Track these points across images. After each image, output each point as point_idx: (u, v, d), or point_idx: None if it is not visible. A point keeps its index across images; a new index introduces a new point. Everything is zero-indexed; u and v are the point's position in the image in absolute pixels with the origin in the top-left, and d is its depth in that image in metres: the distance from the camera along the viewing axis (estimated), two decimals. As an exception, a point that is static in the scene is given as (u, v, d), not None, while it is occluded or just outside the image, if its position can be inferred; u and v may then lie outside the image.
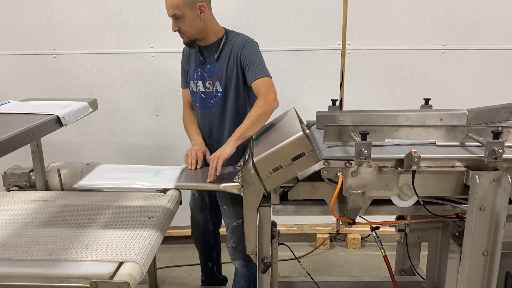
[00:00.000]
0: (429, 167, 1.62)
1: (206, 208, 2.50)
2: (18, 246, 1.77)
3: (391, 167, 1.62)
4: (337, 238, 3.45)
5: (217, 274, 2.71)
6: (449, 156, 1.63)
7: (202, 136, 2.31)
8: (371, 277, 2.83)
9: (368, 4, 2.99)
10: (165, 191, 2.29)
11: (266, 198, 1.78)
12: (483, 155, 1.56)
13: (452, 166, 1.62)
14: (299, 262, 2.21)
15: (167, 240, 3.13)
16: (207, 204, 2.49)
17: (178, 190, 2.35)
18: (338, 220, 1.80)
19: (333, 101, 2.15)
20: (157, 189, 1.87)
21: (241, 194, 1.79)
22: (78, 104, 2.20)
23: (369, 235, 3.35)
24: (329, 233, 3.37)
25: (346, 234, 3.38)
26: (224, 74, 2.20)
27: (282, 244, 1.96)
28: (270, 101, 2.06)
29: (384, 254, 2.05)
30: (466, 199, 1.64)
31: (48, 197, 2.23)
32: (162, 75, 3.10)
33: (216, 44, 2.22)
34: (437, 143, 1.74)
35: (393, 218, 1.99)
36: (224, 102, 2.24)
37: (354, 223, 1.76)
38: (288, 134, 1.72)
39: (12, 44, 3.06)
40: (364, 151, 1.54)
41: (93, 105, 2.32)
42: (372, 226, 1.97)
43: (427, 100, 2.16)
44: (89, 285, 1.51)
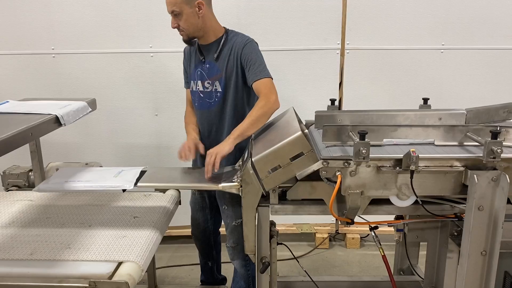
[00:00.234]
0: (428, 167, 1.62)
1: (206, 207, 2.50)
2: (17, 246, 1.77)
3: (390, 167, 1.62)
4: (336, 238, 3.45)
5: (217, 274, 2.71)
6: (448, 156, 1.63)
7: (201, 135, 2.31)
8: (370, 277, 2.84)
9: (367, 4, 2.99)
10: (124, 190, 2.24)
11: (265, 198, 1.78)
12: (482, 155, 1.56)
13: (451, 166, 1.62)
14: (298, 262, 2.21)
15: (166, 240, 3.14)
16: (207, 203, 2.49)
17: (178, 190, 2.35)
18: (337, 220, 1.80)
19: (332, 101, 2.15)
20: (116, 190, 1.91)
21: (240, 194, 1.79)
22: (77, 104, 2.21)
23: (368, 235, 3.35)
24: (328, 233, 3.37)
25: (345, 234, 3.39)
26: (224, 74, 2.19)
27: (281, 244, 1.96)
28: (272, 102, 2.06)
29: (383, 254, 2.06)
30: (465, 199, 1.64)
31: (44, 198, 2.23)
32: (161, 75, 3.09)
33: (216, 44, 2.21)
34: (436, 143, 1.74)
35: (392, 218, 1.99)
36: (223, 102, 2.23)
37: (353, 223, 1.76)
38: (287, 134, 1.72)
39: (11, 44, 3.06)
40: (363, 151, 1.54)
41: (92, 105, 2.33)
42: (371, 226, 1.98)
43: (426, 100, 2.16)
44: (88, 285, 1.51)
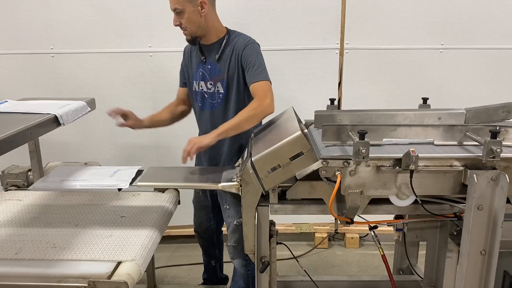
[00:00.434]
0: (427, 166, 1.62)
1: (209, 206, 2.51)
2: (16, 246, 1.76)
3: (389, 166, 1.62)
4: (336, 237, 3.45)
5: (220, 273, 2.72)
6: (447, 156, 1.63)
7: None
8: (369, 276, 2.84)
9: (366, 4, 2.99)
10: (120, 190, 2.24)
11: (265, 198, 1.78)
12: (481, 154, 1.56)
13: (450, 166, 1.62)
14: (298, 262, 2.21)
15: (166, 240, 3.13)
16: (210, 202, 2.50)
17: (177, 190, 2.34)
18: (337, 219, 1.80)
19: (332, 101, 2.15)
20: (112, 189, 1.94)
21: (240, 193, 1.79)
22: (76, 104, 2.21)
23: (367, 234, 3.36)
24: (328, 232, 3.37)
25: (345, 233, 3.39)
26: (226, 75, 2.19)
27: (281, 244, 1.96)
28: (265, 106, 2.04)
29: (382, 253, 2.05)
30: (464, 198, 1.64)
31: (35, 197, 2.23)
32: (160, 74, 3.09)
33: (217, 44, 2.21)
34: (435, 142, 1.74)
35: (391, 217, 1.98)
36: (226, 103, 2.23)
37: (352, 222, 1.76)
38: (287, 134, 1.72)
39: (10, 43, 3.06)
40: (362, 151, 1.54)
41: (91, 105, 2.32)
42: (370, 225, 1.98)
43: (425, 100, 2.16)
44: (87, 285, 1.50)
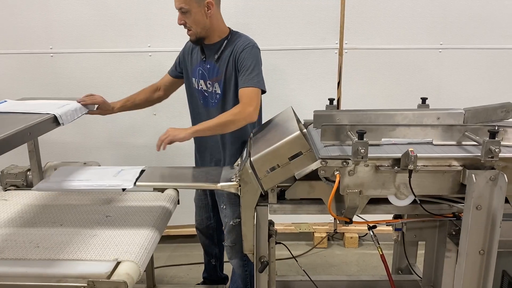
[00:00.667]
0: (426, 166, 1.62)
1: (209, 205, 2.52)
2: (15, 246, 1.76)
3: (388, 166, 1.62)
4: (335, 237, 3.45)
5: (220, 272, 2.72)
6: (446, 155, 1.63)
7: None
8: (369, 276, 2.84)
9: (366, 3, 2.99)
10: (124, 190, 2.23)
11: (264, 197, 1.78)
12: (480, 154, 1.56)
13: (449, 165, 1.62)
14: (297, 261, 2.21)
15: (165, 239, 3.13)
16: (209, 201, 2.51)
17: (176, 190, 2.35)
18: (336, 219, 1.80)
19: (331, 100, 2.15)
20: (116, 189, 1.91)
21: (239, 193, 1.79)
22: (75, 104, 2.21)
23: (366, 234, 3.36)
24: (327, 232, 3.37)
25: (344, 233, 3.39)
26: (223, 77, 2.18)
27: (280, 243, 1.96)
28: (246, 113, 2.02)
29: (381, 253, 2.06)
30: (463, 198, 1.64)
31: (41, 197, 2.23)
32: (160, 74, 3.06)
33: (218, 45, 2.20)
34: (434, 142, 1.75)
35: (390, 217, 1.99)
36: (223, 104, 2.22)
37: (351, 222, 1.76)
38: (286, 133, 1.72)
39: (9, 43, 3.05)
40: (361, 150, 1.54)
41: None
42: (369, 225, 1.98)
43: (424, 99, 2.17)
44: (87, 285, 1.50)
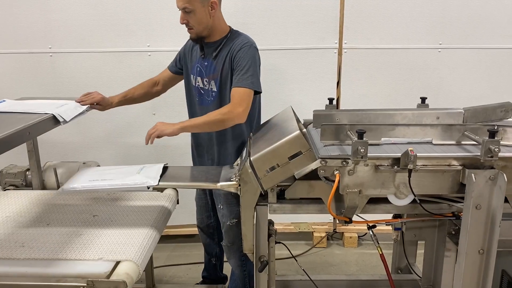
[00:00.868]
0: (426, 166, 1.62)
1: (209, 204, 2.52)
2: (15, 246, 1.76)
3: (388, 166, 1.62)
4: (334, 237, 3.45)
5: (219, 272, 2.73)
6: (446, 155, 1.64)
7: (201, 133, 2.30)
8: (368, 276, 2.84)
9: (365, 3, 2.99)
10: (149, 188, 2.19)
11: (263, 197, 1.78)
12: (479, 154, 1.57)
13: (448, 165, 1.62)
14: (296, 261, 2.21)
15: (164, 239, 3.13)
16: (209, 201, 2.51)
17: (175, 190, 2.34)
18: (335, 219, 1.80)
19: (330, 100, 2.15)
20: (142, 187, 1.84)
21: (238, 193, 1.79)
22: (75, 103, 2.21)
23: (366, 234, 3.36)
24: (326, 232, 3.37)
25: (343, 233, 3.39)
26: (219, 75, 2.18)
27: (279, 243, 1.96)
28: (235, 114, 2.02)
29: (381, 253, 2.06)
30: (462, 198, 1.64)
31: (43, 196, 2.23)
32: (159, 74, 3.09)
33: (217, 43, 2.20)
34: (434, 142, 1.75)
35: (390, 217, 1.99)
36: (219, 102, 2.22)
37: (351, 222, 1.77)
38: (285, 133, 1.72)
39: (8, 43, 3.05)
40: (361, 150, 1.54)
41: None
42: (369, 225, 1.98)
43: (424, 99, 2.17)
44: (86, 284, 1.50)
